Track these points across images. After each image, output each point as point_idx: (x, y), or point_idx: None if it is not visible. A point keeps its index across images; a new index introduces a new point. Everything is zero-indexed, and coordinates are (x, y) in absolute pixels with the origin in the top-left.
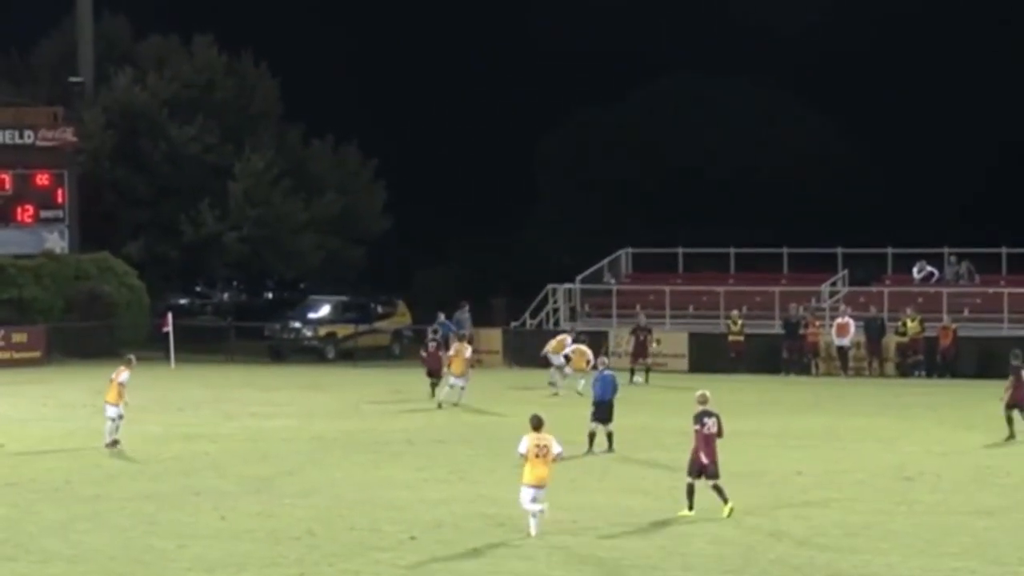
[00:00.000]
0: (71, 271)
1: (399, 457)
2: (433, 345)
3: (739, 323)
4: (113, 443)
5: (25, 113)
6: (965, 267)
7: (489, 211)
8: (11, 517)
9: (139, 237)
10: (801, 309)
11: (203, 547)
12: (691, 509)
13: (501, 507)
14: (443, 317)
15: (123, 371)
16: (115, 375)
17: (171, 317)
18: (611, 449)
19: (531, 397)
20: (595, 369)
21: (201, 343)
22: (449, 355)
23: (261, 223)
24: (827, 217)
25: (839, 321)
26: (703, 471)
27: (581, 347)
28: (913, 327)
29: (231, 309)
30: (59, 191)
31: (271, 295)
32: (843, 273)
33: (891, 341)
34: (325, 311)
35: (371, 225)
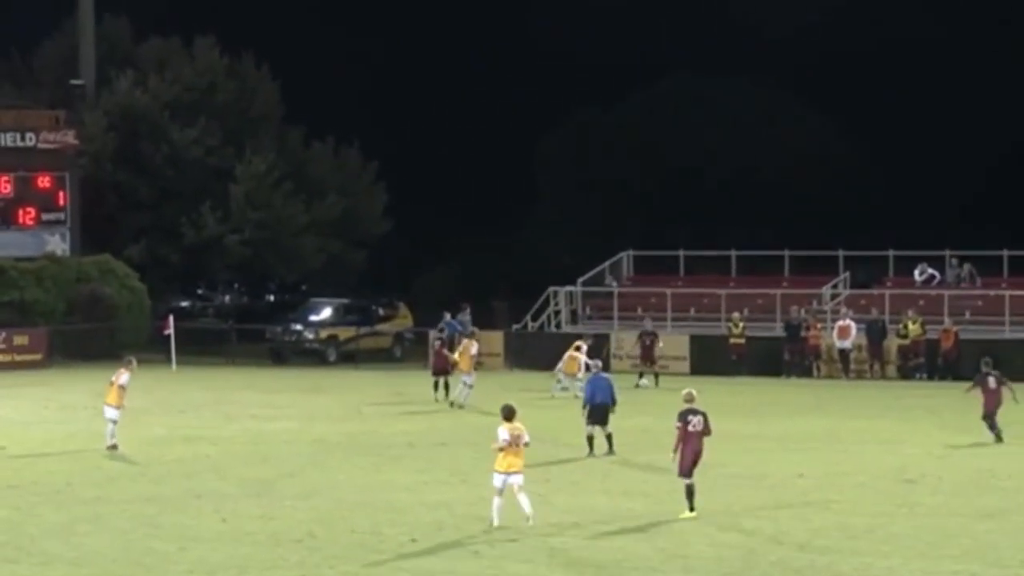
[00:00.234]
0: (72, 273)
1: (400, 460)
2: (439, 344)
3: (740, 325)
4: (112, 447)
5: (26, 116)
6: (967, 269)
7: (490, 213)
8: (12, 519)
9: (140, 239)
10: (802, 311)
11: (204, 550)
12: (692, 510)
13: (502, 509)
14: (449, 317)
15: (123, 373)
16: (115, 377)
17: (172, 319)
18: (611, 451)
19: (532, 400)
20: (588, 371)
21: (202, 345)
22: (457, 353)
23: (262, 225)
24: (828, 219)
25: (840, 323)
26: (694, 469)
27: (576, 354)
28: (914, 329)
29: (232, 311)
30: (60, 194)
31: (272, 297)
32: (844, 275)
33: (892, 343)
34: (326, 313)
35: (372, 227)
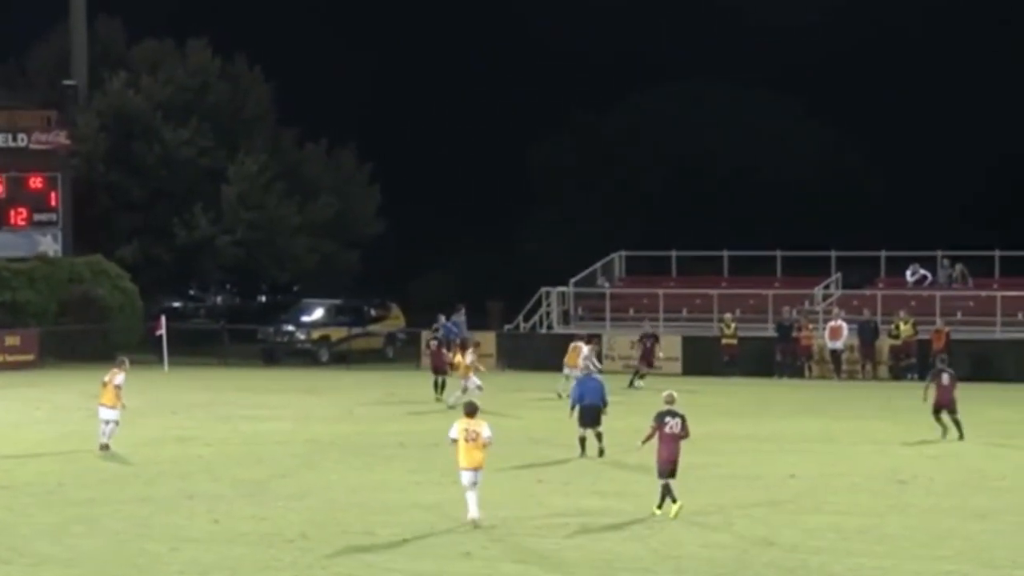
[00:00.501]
0: (64, 274)
1: (392, 460)
2: (435, 344)
3: (732, 326)
4: (104, 447)
5: (19, 116)
6: (958, 270)
7: (484, 214)
8: (4, 520)
9: (132, 240)
10: (794, 312)
11: (196, 550)
12: (675, 502)
13: (493, 510)
14: (444, 319)
15: (117, 373)
16: (109, 378)
17: (164, 320)
18: (602, 453)
19: (525, 400)
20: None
21: (194, 346)
22: (455, 356)
23: (255, 226)
24: (820, 220)
25: (832, 324)
26: (669, 470)
27: (580, 344)
28: (906, 330)
29: (224, 312)
30: (52, 194)
31: (264, 298)
32: (836, 276)
33: (884, 344)
34: (318, 314)
35: (365, 228)
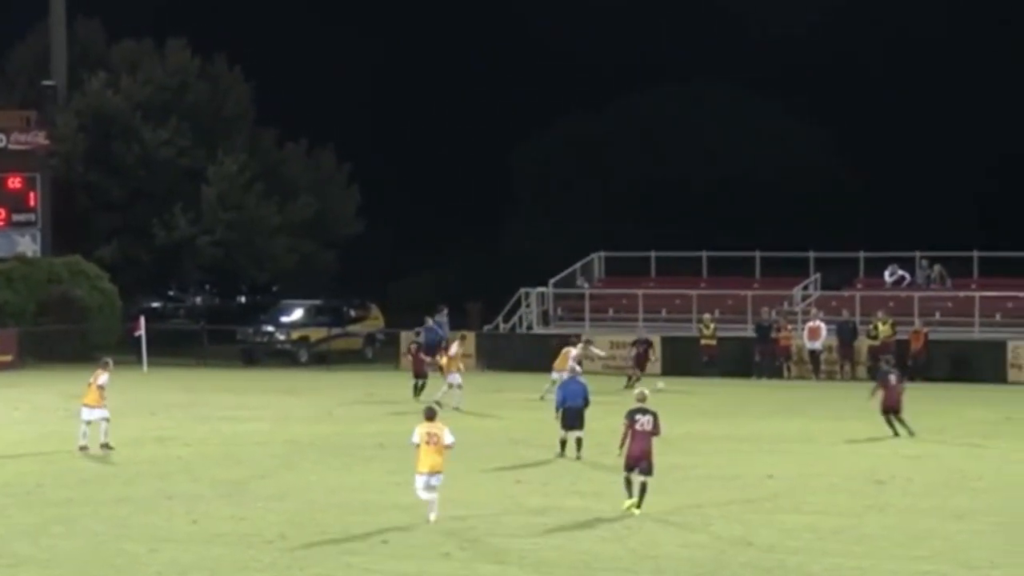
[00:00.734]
0: (43, 274)
1: (371, 461)
2: (415, 347)
3: (711, 327)
4: (83, 448)
5: None
6: (937, 271)
7: (464, 215)
8: None
9: (112, 240)
10: (773, 313)
11: (175, 551)
12: (632, 497)
13: (472, 510)
14: (430, 321)
15: (101, 374)
16: (93, 378)
17: (143, 321)
18: (579, 454)
19: (504, 401)
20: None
21: (173, 347)
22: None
23: (234, 227)
24: (799, 221)
25: (811, 324)
26: (636, 466)
27: (571, 348)
28: (884, 330)
29: (203, 312)
30: (31, 194)
31: (244, 298)
32: (815, 277)
33: (863, 344)
34: (298, 315)
35: (344, 229)
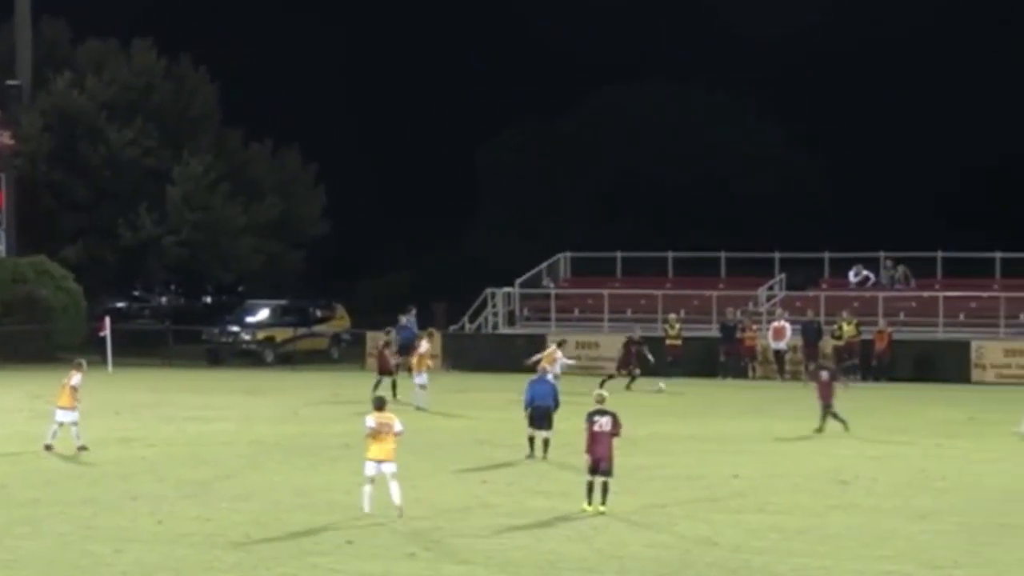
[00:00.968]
0: (8, 274)
1: (337, 461)
2: (382, 344)
3: (676, 327)
4: (49, 447)
5: None
6: (901, 271)
7: (430, 215)
8: None
9: (77, 241)
10: (738, 313)
11: (140, 552)
12: (590, 504)
13: (438, 510)
14: (404, 320)
15: (75, 375)
16: (67, 379)
17: (108, 321)
18: (545, 456)
19: (470, 401)
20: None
21: (139, 347)
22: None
23: (199, 227)
24: (764, 222)
25: (775, 325)
26: (597, 467)
27: (558, 350)
28: (849, 331)
29: (169, 313)
30: None
31: (209, 299)
32: (780, 277)
33: (827, 344)
34: (263, 315)
35: (310, 229)
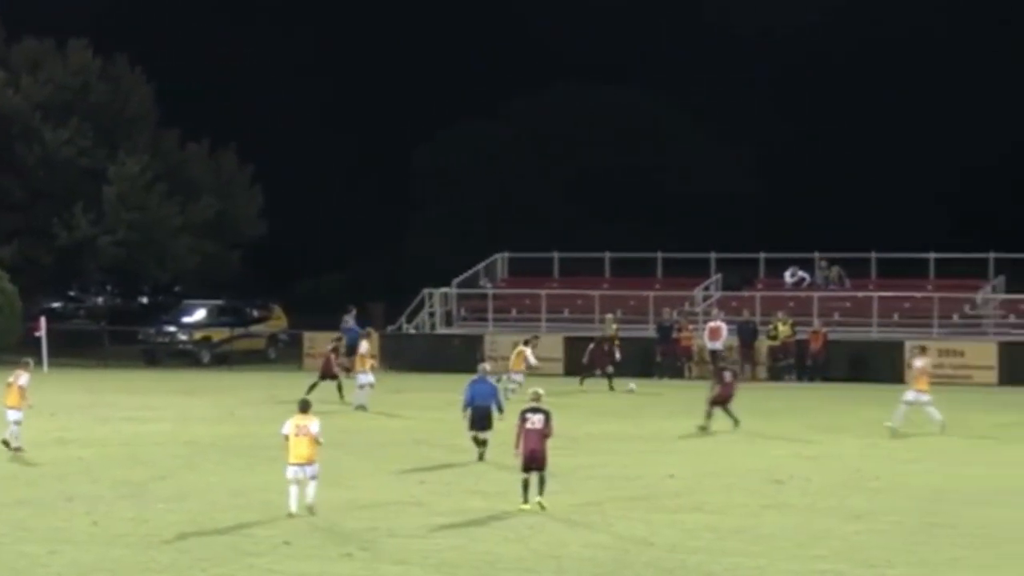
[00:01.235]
0: None
1: (274, 462)
2: (331, 347)
3: (613, 327)
4: (5, 443)
5: None
6: (835, 272)
7: (368, 216)
8: None
9: (12, 241)
10: (674, 313)
11: (75, 553)
12: (527, 502)
13: (375, 511)
14: (351, 320)
15: (21, 374)
16: (12, 378)
17: (44, 321)
18: (483, 457)
19: (407, 401)
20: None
21: (74, 347)
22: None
23: (136, 227)
24: (700, 222)
25: (711, 325)
26: (531, 465)
27: (524, 349)
28: (784, 331)
29: (105, 313)
30: None
31: (146, 299)
32: (716, 277)
33: (763, 345)
34: (200, 315)
35: (247, 229)
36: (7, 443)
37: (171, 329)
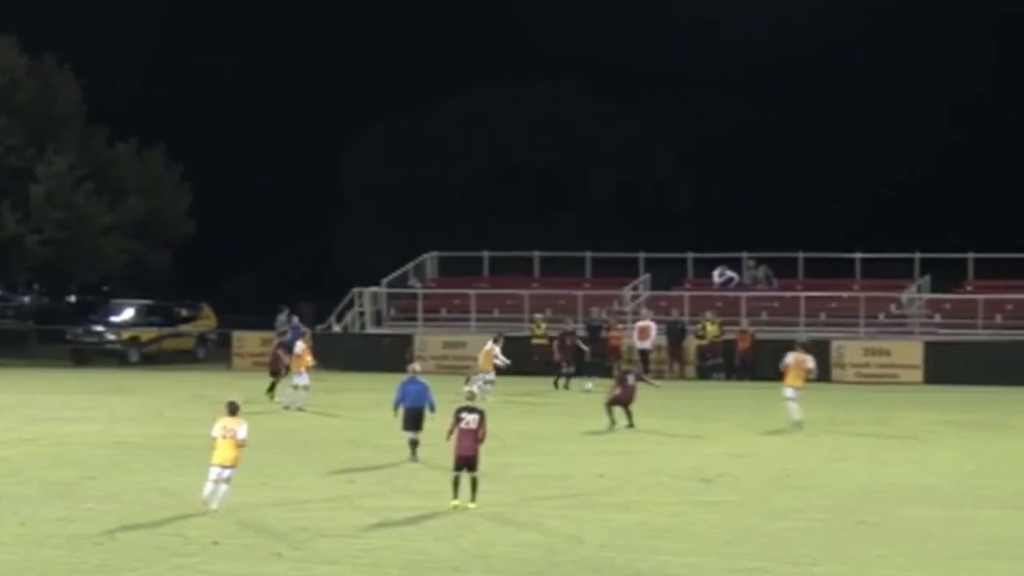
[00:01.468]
0: None
1: (203, 462)
2: (276, 345)
3: (543, 326)
4: None
5: None
6: (763, 272)
7: (297, 215)
8: None
9: None
10: (603, 312)
11: (3, 554)
12: (456, 498)
13: (305, 511)
14: (296, 319)
15: None
16: None
17: None
18: (415, 456)
19: (338, 401)
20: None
21: (1, 347)
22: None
23: (63, 226)
24: (629, 222)
25: (640, 324)
26: (464, 464)
27: (492, 348)
28: (712, 330)
29: (32, 312)
30: None
31: (74, 298)
32: (645, 277)
33: (691, 344)
34: (128, 314)
35: (176, 229)
36: None
37: (99, 329)
